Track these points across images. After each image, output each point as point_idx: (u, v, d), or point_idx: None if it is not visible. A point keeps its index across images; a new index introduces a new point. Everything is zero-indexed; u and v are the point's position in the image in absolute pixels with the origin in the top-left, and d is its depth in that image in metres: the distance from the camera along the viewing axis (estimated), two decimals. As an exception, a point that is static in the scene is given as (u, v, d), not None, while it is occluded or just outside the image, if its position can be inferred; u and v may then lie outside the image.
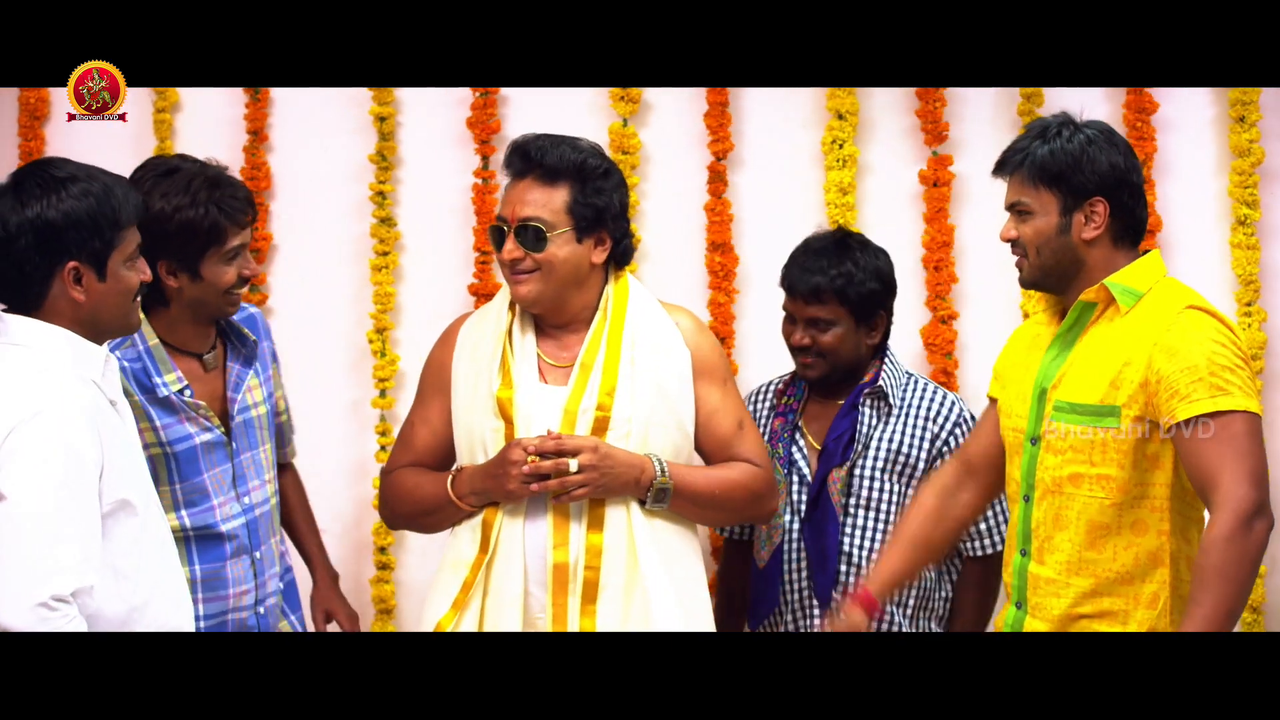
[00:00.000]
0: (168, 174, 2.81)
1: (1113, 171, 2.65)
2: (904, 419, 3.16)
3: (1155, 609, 2.60)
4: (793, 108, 3.71)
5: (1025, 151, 2.69)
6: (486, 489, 2.82)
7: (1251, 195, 3.52)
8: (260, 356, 3.01)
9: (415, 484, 2.92)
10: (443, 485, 2.87)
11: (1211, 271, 3.55)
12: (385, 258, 3.79)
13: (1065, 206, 2.66)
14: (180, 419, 2.85)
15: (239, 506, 2.91)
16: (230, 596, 2.89)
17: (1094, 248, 2.67)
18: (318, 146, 3.84)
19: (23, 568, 2.27)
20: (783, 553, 3.13)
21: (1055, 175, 2.65)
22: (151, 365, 2.84)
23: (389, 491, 2.98)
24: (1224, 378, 2.52)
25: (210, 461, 2.88)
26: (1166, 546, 2.60)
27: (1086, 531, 2.63)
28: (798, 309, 3.18)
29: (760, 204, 3.74)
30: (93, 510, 2.35)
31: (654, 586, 2.77)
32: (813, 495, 3.12)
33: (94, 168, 2.50)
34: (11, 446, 2.31)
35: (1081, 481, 2.63)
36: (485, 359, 2.89)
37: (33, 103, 3.86)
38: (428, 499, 2.90)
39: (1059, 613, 2.65)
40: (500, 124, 3.76)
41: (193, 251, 2.79)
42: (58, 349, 2.42)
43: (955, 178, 3.65)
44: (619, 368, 2.85)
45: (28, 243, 2.40)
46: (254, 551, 2.93)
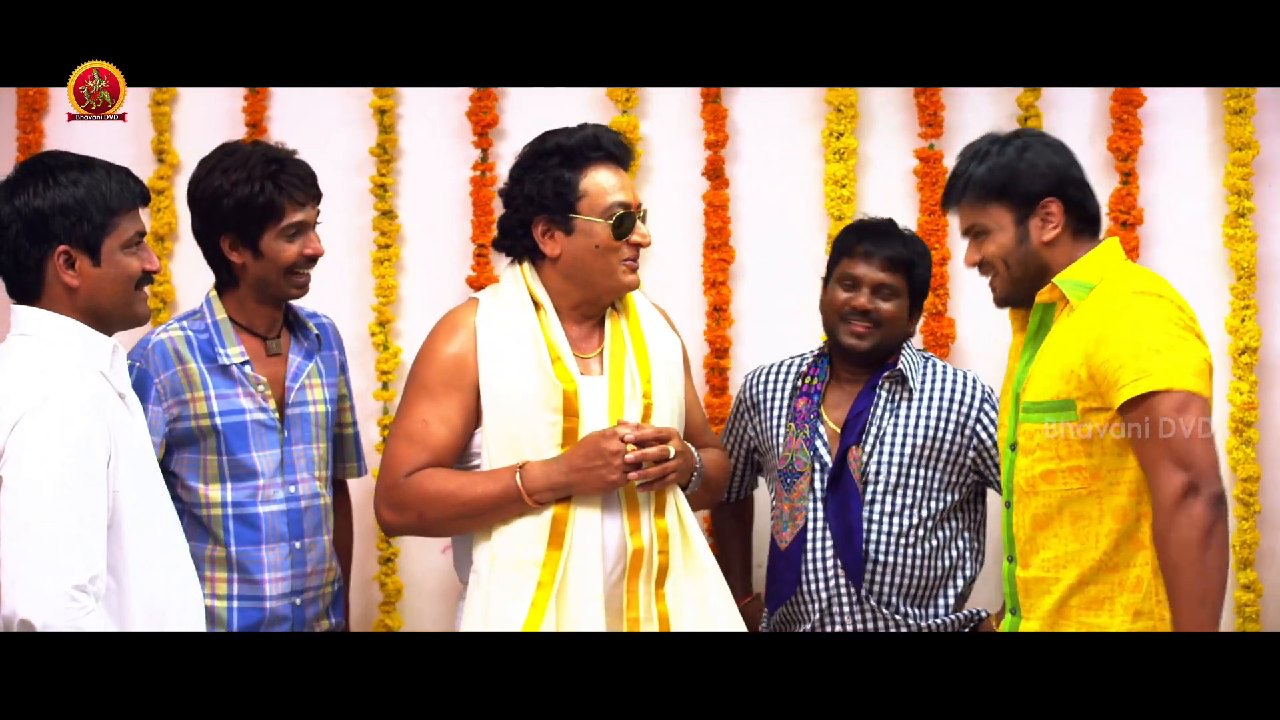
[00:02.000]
0: (230, 153, 2.94)
1: (1053, 170, 2.68)
2: (925, 404, 3.15)
3: (1140, 591, 2.60)
4: (791, 101, 3.72)
5: (964, 176, 2.72)
6: (572, 482, 2.74)
7: (1248, 188, 3.52)
8: (328, 362, 3.08)
9: (460, 485, 2.77)
10: (503, 484, 2.75)
11: (1207, 265, 3.56)
12: (387, 250, 3.80)
13: (1019, 216, 2.68)
14: (238, 391, 2.93)
15: (282, 493, 2.96)
16: (265, 582, 2.93)
17: (1055, 248, 2.68)
18: (317, 140, 3.81)
19: (41, 559, 2.28)
20: (806, 534, 3.13)
21: (1000, 188, 2.68)
22: (218, 337, 2.94)
23: (417, 495, 2.79)
24: (1147, 359, 2.51)
25: (260, 442, 2.94)
26: (1146, 529, 2.60)
27: (1070, 524, 2.64)
28: (868, 273, 3.16)
29: (759, 197, 3.74)
30: (100, 499, 2.36)
31: (710, 565, 2.86)
32: (833, 473, 3.12)
33: (92, 158, 2.53)
34: (20, 435, 2.32)
35: (1054, 477, 2.64)
36: (529, 353, 2.82)
37: (31, 96, 3.87)
38: (481, 499, 2.75)
39: (1051, 607, 2.66)
40: (498, 118, 3.77)
41: (251, 227, 2.90)
42: (66, 339, 2.45)
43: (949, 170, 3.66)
44: (649, 356, 2.87)
45: (18, 230, 2.45)
46: (294, 541, 2.96)
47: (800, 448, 3.15)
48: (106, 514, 2.37)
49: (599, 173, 2.81)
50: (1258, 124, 3.53)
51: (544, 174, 2.81)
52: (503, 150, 3.77)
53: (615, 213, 2.79)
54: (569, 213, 2.79)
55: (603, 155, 2.82)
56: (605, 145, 2.83)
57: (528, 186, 2.82)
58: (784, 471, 3.17)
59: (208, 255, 2.98)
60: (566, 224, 2.79)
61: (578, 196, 2.79)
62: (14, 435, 2.32)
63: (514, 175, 2.88)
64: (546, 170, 2.81)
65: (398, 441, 2.83)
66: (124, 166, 2.55)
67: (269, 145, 3.00)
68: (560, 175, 2.80)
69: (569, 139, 2.82)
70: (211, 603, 2.91)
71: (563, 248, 2.81)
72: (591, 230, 2.79)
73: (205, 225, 2.94)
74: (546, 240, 2.81)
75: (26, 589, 2.27)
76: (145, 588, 2.44)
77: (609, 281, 2.83)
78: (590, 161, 2.81)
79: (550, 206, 2.80)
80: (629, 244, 2.82)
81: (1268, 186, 3.56)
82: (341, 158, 3.82)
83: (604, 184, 2.81)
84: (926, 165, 3.65)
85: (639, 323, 2.92)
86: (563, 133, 2.85)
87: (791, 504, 3.15)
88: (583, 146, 2.81)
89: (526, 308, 2.83)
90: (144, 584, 2.44)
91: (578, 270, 2.81)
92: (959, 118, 3.66)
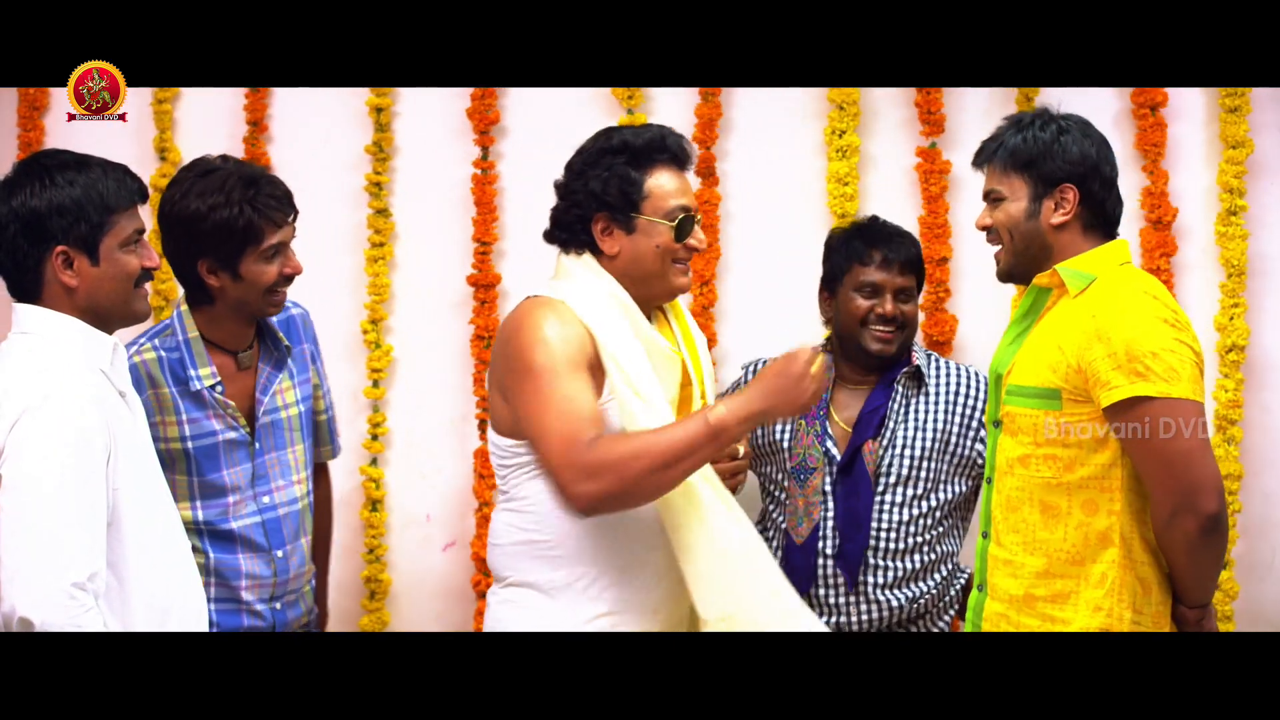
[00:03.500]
0: (205, 174, 2.83)
1: (1083, 160, 2.70)
2: (938, 398, 3.21)
3: (1103, 588, 2.63)
4: (793, 99, 3.72)
5: (999, 141, 2.76)
6: (768, 408, 2.65)
7: (1242, 187, 3.53)
8: (298, 358, 3.05)
9: (652, 437, 2.63)
10: (698, 424, 2.62)
11: (1200, 262, 3.57)
12: (380, 249, 3.81)
13: (1035, 193, 2.71)
14: (208, 414, 2.89)
15: (255, 506, 2.94)
16: (242, 588, 2.91)
17: (1061, 233, 2.71)
18: (316, 137, 3.86)
19: (41, 556, 2.29)
20: (820, 529, 3.17)
21: (1026, 162, 2.71)
22: (189, 357, 2.88)
23: (613, 456, 2.62)
24: (1144, 362, 2.53)
25: (231, 460, 2.91)
26: (1116, 526, 2.63)
27: (1040, 512, 2.67)
28: (889, 279, 3.21)
29: (761, 195, 3.75)
30: (100, 496, 2.37)
31: None
32: (844, 463, 3.16)
33: (90, 156, 2.53)
34: (20, 433, 2.33)
35: (1030, 462, 2.67)
36: (640, 328, 2.79)
37: (32, 95, 3.88)
38: (678, 444, 2.61)
39: (1017, 594, 2.69)
40: (499, 115, 3.78)
41: (231, 251, 2.82)
42: (67, 337, 2.45)
43: (952, 167, 3.66)
44: (699, 354, 2.92)
45: (15, 231, 2.45)
46: (274, 550, 2.95)
47: (812, 444, 3.20)
48: (107, 511, 2.38)
49: (663, 174, 2.80)
50: (1252, 122, 3.54)
51: (609, 171, 2.78)
52: (504, 149, 3.79)
53: (677, 215, 2.79)
54: (632, 212, 2.77)
55: (668, 157, 2.81)
56: (670, 147, 2.81)
57: (592, 183, 2.79)
58: (796, 468, 3.21)
59: (181, 276, 2.90)
60: (629, 223, 2.78)
61: (642, 196, 2.77)
62: (14, 433, 2.33)
63: (575, 169, 2.84)
64: (612, 168, 2.78)
65: (559, 423, 2.65)
66: (122, 164, 2.55)
67: (243, 163, 2.92)
68: (626, 174, 2.77)
69: (636, 138, 2.80)
70: None
71: (622, 246, 2.79)
72: (653, 231, 2.78)
73: (180, 248, 2.85)
74: (606, 238, 2.79)
75: (26, 586, 2.28)
76: (147, 585, 2.44)
77: (663, 283, 2.82)
78: (656, 162, 2.80)
79: (614, 204, 2.77)
80: (686, 247, 2.82)
81: (1261, 185, 3.56)
82: (338, 155, 3.83)
83: (668, 186, 2.79)
84: (927, 163, 3.66)
85: (687, 324, 2.94)
86: (629, 131, 2.83)
87: (806, 499, 3.18)
88: (649, 147, 2.80)
89: (615, 287, 2.79)
90: (145, 581, 2.44)
91: (634, 269, 2.79)
92: (959, 116, 3.67)
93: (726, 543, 2.71)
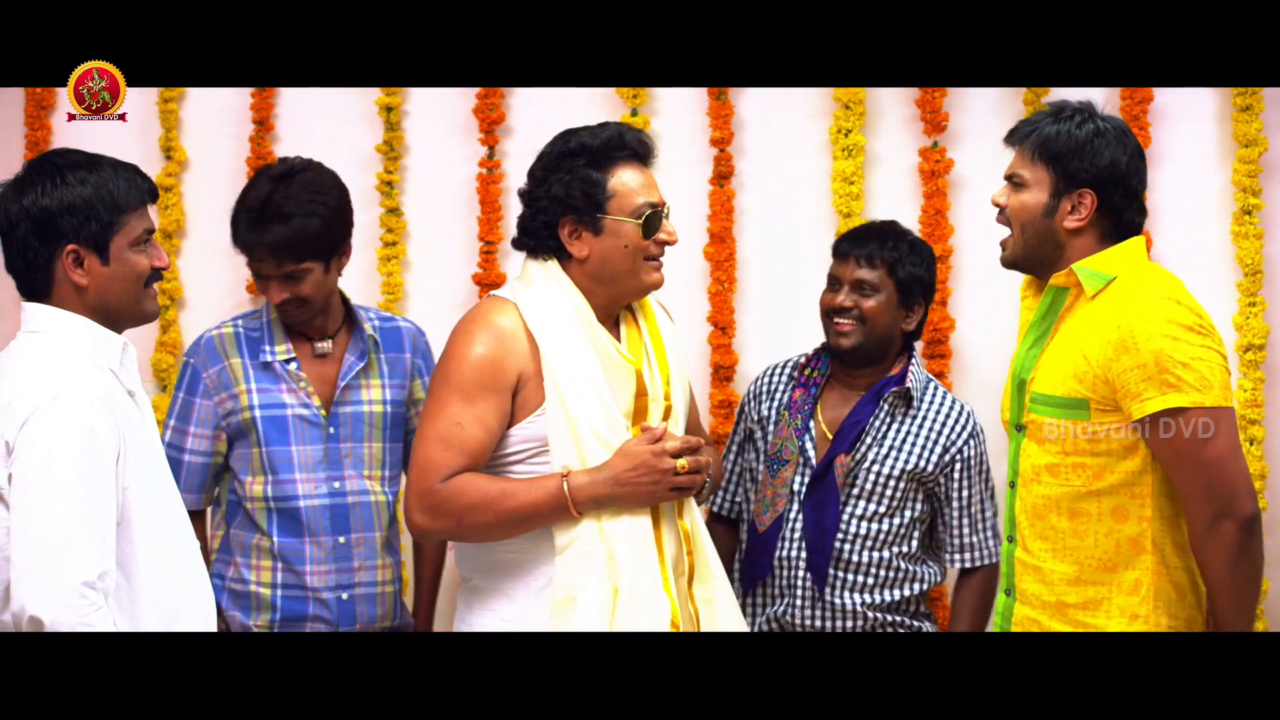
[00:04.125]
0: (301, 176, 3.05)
1: (1111, 168, 2.67)
2: (923, 424, 3.19)
3: (1137, 595, 2.62)
4: (799, 98, 3.72)
5: (1036, 126, 2.72)
6: (618, 495, 2.70)
7: (1256, 186, 3.52)
8: (395, 361, 3.14)
9: (501, 491, 2.70)
10: (549, 492, 2.69)
11: (1214, 262, 3.56)
12: (393, 247, 3.81)
13: (1056, 189, 2.69)
14: (281, 387, 3.04)
15: (325, 488, 3.03)
16: (306, 574, 3.02)
17: (1076, 238, 2.69)
18: (324, 137, 3.84)
19: (51, 555, 2.29)
20: (783, 522, 3.17)
21: (1055, 155, 2.68)
22: (268, 334, 3.04)
23: (456, 501, 2.70)
24: (1175, 373, 2.52)
25: (301, 437, 3.03)
26: (1148, 533, 2.62)
27: (1069, 519, 2.66)
28: (847, 271, 3.22)
29: (767, 194, 3.75)
30: (109, 496, 2.37)
31: (718, 569, 2.86)
32: (816, 474, 3.15)
33: (101, 156, 2.53)
34: (30, 432, 2.33)
35: (1059, 471, 2.65)
36: (595, 339, 2.77)
37: (39, 94, 3.87)
38: (525, 507, 2.70)
39: (1050, 600, 2.68)
40: (505, 114, 3.77)
41: None
42: (76, 336, 2.45)
43: (954, 166, 3.66)
44: (667, 357, 2.88)
45: (26, 230, 2.45)
46: (338, 536, 3.03)
47: (790, 436, 3.20)
48: (116, 511, 2.38)
49: (625, 172, 2.78)
50: (1266, 121, 3.53)
51: (570, 174, 2.76)
52: (510, 148, 3.78)
53: (644, 212, 2.77)
54: (598, 213, 2.76)
55: (628, 154, 2.80)
56: (630, 144, 2.80)
57: (554, 187, 2.77)
58: (771, 457, 3.22)
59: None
60: (595, 224, 2.76)
61: (607, 196, 2.76)
62: (24, 432, 2.33)
63: (537, 175, 2.82)
64: (573, 170, 2.77)
65: (431, 444, 2.72)
66: (132, 164, 2.55)
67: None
68: (588, 175, 2.76)
69: (594, 139, 2.78)
70: (258, 589, 3.04)
71: (591, 248, 2.77)
72: (621, 230, 2.76)
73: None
74: (574, 241, 2.77)
75: (36, 585, 2.28)
76: (155, 584, 2.44)
77: (635, 281, 2.80)
78: (616, 161, 2.78)
79: (579, 207, 2.76)
80: (656, 242, 2.80)
81: (1275, 184, 3.56)
82: (348, 155, 3.82)
83: (631, 183, 2.78)
84: (931, 163, 3.65)
85: (655, 323, 2.91)
86: (586, 132, 2.81)
87: (774, 489, 3.19)
88: (609, 146, 2.78)
89: (575, 296, 2.78)
90: (154, 581, 2.44)
91: (605, 270, 2.78)
92: (964, 115, 3.66)
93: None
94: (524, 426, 2.75)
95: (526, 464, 2.76)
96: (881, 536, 3.14)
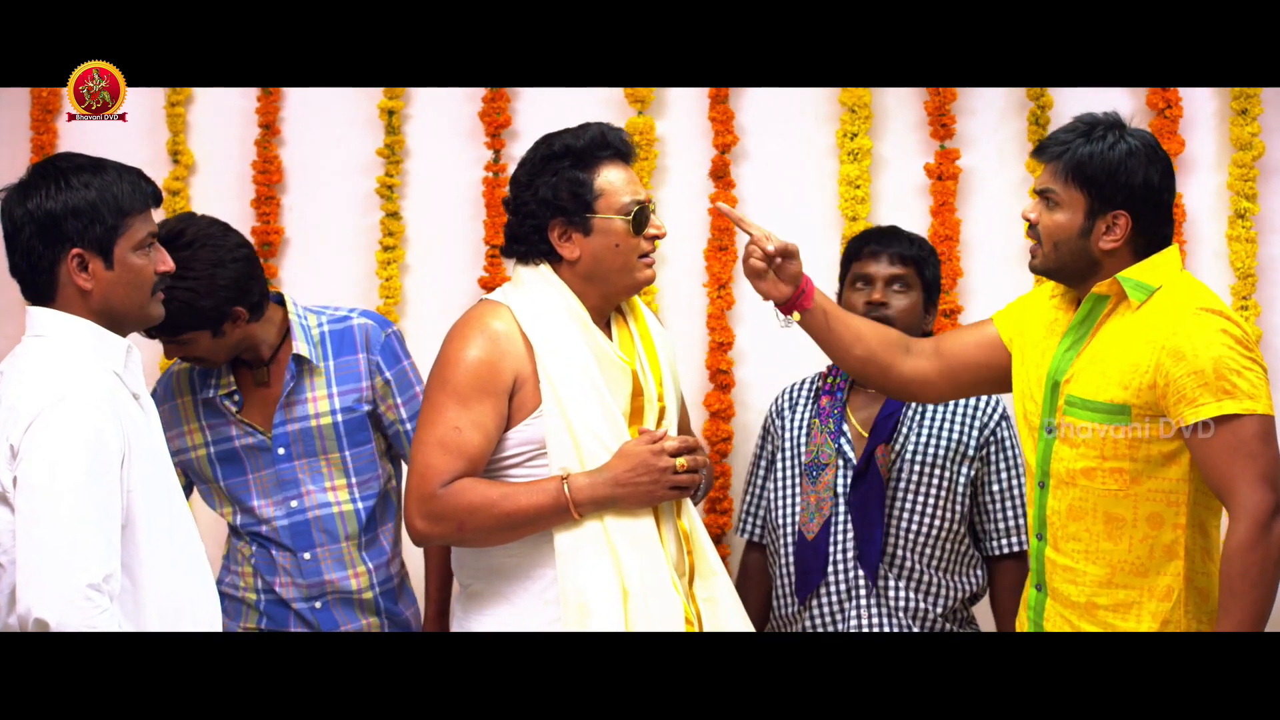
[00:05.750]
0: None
1: (1145, 188, 2.66)
2: (954, 408, 3.24)
3: (1170, 601, 2.63)
4: (805, 101, 3.73)
5: (1068, 145, 2.69)
6: (618, 497, 2.70)
7: (1251, 189, 3.53)
8: (346, 364, 3.09)
9: (502, 495, 2.70)
10: (549, 495, 2.69)
11: (1209, 265, 3.56)
12: (392, 252, 3.82)
13: (1091, 210, 2.67)
14: (225, 420, 3.04)
15: (283, 510, 3.05)
16: (277, 585, 3.08)
17: (1111, 257, 2.69)
18: (328, 140, 3.86)
19: (56, 557, 2.29)
20: (831, 525, 3.19)
21: (1089, 178, 2.66)
22: (216, 369, 3.04)
23: (457, 506, 2.69)
24: (1230, 380, 2.54)
25: (254, 465, 3.06)
26: (1182, 540, 2.63)
27: (1103, 523, 2.66)
28: (879, 269, 3.26)
29: (773, 198, 3.75)
30: (114, 498, 2.37)
31: (719, 569, 2.86)
32: (859, 469, 3.19)
33: (105, 160, 2.53)
34: (35, 435, 2.33)
35: (1095, 475, 2.66)
36: (592, 341, 2.77)
37: (45, 96, 3.89)
38: (526, 510, 2.69)
39: (1080, 601, 2.69)
40: (511, 118, 3.79)
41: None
42: (79, 339, 2.45)
43: (962, 171, 3.67)
44: (658, 357, 2.89)
45: (31, 233, 2.45)
46: (301, 552, 3.05)
47: (825, 441, 3.23)
48: (121, 513, 2.38)
49: (610, 171, 2.79)
50: (1262, 124, 3.54)
51: (556, 176, 2.77)
52: (516, 151, 3.77)
53: (632, 208, 2.78)
54: (587, 213, 2.76)
55: (611, 153, 2.80)
56: (613, 143, 2.81)
57: (541, 191, 2.77)
58: (809, 465, 3.24)
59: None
60: (585, 224, 2.77)
61: (594, 196, 2.76)
62: (29, 435, 2.33)
63: (522, 181, 2.83)
64: (559, 173, 2.77)
65: (430, 450, 2.71)
66: (136, 168, 2.55)
67: None
68: (574, 176, 2.76)
69: (577, 140, 2.79)
70: (244, 593, 3.10)
71: (582, 249, 2.77)
72: (611, 228, 2.77)
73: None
74: (564, 244, 2.78)
75: (41, 587, 2.28)
76: (160, 587, 2.44)
77: (627, 279, 2.81)
78: (601, 160, 2.79)
79: (567, 208, 2.76)
80: (646, 238, 2.81)
81: (1270, 188, 3.57)
82: (350, 158, 3.84)
83: (617, 182, 2.78)
84: (939, 167, 3.67)
85: (645, 325, 2.92)
86: (568, 134, 2.82)
87: (817, 495, 3.21)
88: (592, 146, 2.79)
89: (568, 298, 2.79)
90: (159, 583, 2.44)
91: (597, 270, 2.79)
92: (971, 119, 3.68)
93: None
94: (521, 429, 2.75)
95: (524, 467, 2.76)
96: (931, 531, 3.16)
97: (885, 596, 3.16)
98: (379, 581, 3.13)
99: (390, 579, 3.16)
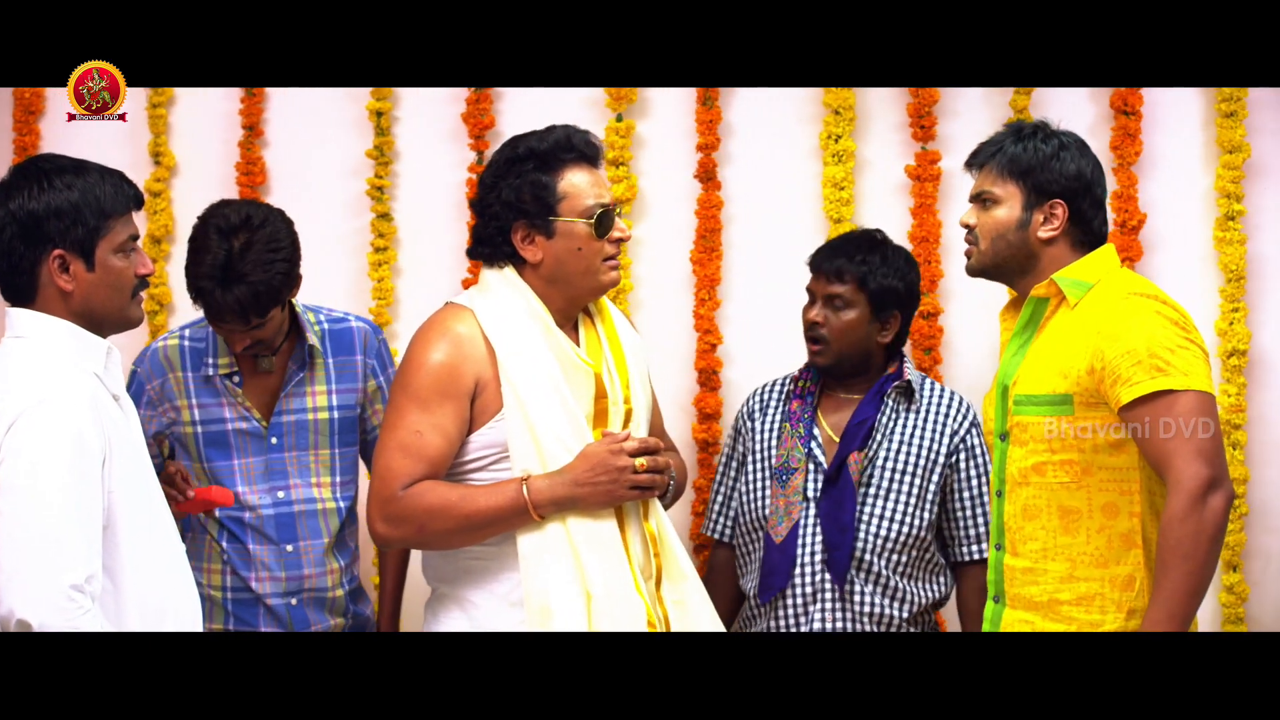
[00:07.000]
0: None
1: (1078, 178, 2.77)
2: (927, 414, 3.23)
3: (1132, 590, 2.65)
4: (788, 103, 3.73)
5: (1000, 146, 2.81)
6: (578, 497, 2.71)
7: (1239, 191, 3.54)
8: (344, 364, 3.12)
9: (461, 497, 2.72)
10: (508, 497, 2.71)
11: (1197, 267, 3.57)
12: (383, 253, 3.81)
13: (1028, 202, 2.77)
14: (221, 401, 3.04)
15: (269, 499, 3.05)
16: (252, 580, 3.05)
17: (1049, 247, 2.77)
18: (314, 142, 3.85)
19: (39, 559, 2.29)
20: (799, 529, 3.18)
21: (1024, 171, 2.77)
22: (212, 348, 3.03)
23: (417, 508, 2.72)
24: (1164, 358, 2.58)
25: (243, 450, 3.04)
26: (1139, 528, 2.66)
27: (1059, 517, 2.69)
28: (819, 287, 3.26)
29: (756, 199, 3.75)
30: (96, 499, 2.37)
31: (690, 571, 2.85)
32: (830, 474, 3.18)
33: (86, 161, 2.53)
34: (16, 436, 2.33)
35: (1046, 469, 2.69)
36: (554, 343, 2.79)
37: (27, 98, 3.87)
38: (485, 512, 2.71)
39: (1042, 600, 2.70)
40: (495, 120, 3.78)
41: None
42: (61, 342, 2.45)
43: (943, 173, 3.67)
44: (626, 359, 2.88)
45: (12, 234, 2.45)
46: (284, 544, 3.04)
47: (795, 445, 3.23)
48: (102, 514, 2.38)
49: (574, 174, 2.80)
50: (1249, 126, 3.55)
51: (520, 179, 2.78)
52: (499, 153, 3.80)
53: (595, 211, 2.79)
54: (550, 216, 2.78)
55: (575, 156, 2.81)
56: (577, 146, 2.82)
57: (504, 193, 2.79)
58: (779, 469, 3.23)
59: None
60: (547, 227, 2.78)
61: (557, 199, 2.78)
62: (9, 436, 2.33)
63: (487, 183, 2.84)
64: (522, 175, 2.78)
65: (391, 453, 2.75)
66: (118, 170, 2.55)
67: None
68: (537, 179, 2.78)
69: (541, 142, 2.81)
70: (209, 591, 3.06)
71: (544, 252, 2.79)
72: (573, 231, 2.78)
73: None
74: (527, 246, 2.79)
75: (24, 588, 2.28)
76: (141, 588, 2.44)
77: (591, 281, 2.82)
78: (565, 163, 2.80)
79: (530, 211, 2.78)
80: (610, 241, 2.82)
81: (1258, 189, 3.57)
82: (338, 160, 3.84)
83: (581, 184, 2.79)
84: (919, 169, 3.67)
85: (614, 326, 2.92)
86: (533, 137, 2.83)
87: (786, 499, 3.21)
88: (556, 148, 2.80)
89: (532, 301, 2.80)
90: (140, 585, 2.44)
91: (560, 272, 2.80)
92: (953, 120, 3.67)
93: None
94: (483, 433, 2.76)
95: (487, 471, 2.77)
96: (900, 539, 3.15)
97: (850, 601, 3.15)
98: (347, 581, 3.17)
99: (355, 579, 3.21)
